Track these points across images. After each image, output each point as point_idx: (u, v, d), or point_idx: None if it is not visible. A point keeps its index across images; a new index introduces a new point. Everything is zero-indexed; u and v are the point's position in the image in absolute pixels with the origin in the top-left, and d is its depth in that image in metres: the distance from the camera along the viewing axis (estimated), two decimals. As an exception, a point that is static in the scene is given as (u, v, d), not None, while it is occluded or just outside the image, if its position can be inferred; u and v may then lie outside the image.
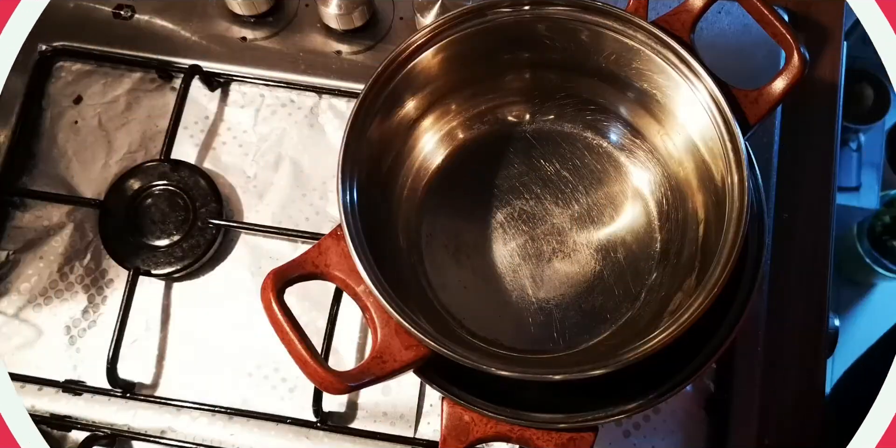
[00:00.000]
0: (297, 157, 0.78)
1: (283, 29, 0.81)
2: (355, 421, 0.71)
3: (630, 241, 0.67)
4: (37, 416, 0.71)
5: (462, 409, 0.56)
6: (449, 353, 0.51)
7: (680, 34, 0.59)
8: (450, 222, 0.68)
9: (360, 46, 0.80)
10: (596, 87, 0.67)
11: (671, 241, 0.66)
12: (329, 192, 0.76)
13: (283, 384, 0.72)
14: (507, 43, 0.63)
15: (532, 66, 0.67)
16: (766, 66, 0.78)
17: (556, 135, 0.70)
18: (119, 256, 0.74)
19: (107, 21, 0.82)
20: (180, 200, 0.75)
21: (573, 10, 0.59)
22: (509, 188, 0.69)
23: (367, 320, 0.55)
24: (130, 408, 0.71)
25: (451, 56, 0.62)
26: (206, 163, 0.78)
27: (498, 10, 0.60)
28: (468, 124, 0.70)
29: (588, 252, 0.67)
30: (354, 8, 0.77)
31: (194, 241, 0.74)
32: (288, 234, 0.74)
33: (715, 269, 0.53)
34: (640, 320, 0.63)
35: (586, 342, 0.64)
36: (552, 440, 0.56)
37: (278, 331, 0.52)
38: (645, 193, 0.68)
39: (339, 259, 0.55)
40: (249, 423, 0.71)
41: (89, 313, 0.74)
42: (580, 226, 0.68)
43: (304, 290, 0.62)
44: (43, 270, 0.75)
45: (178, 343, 0.73)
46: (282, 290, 0.53)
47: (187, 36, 0.81)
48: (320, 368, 0.50)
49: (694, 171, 0.63)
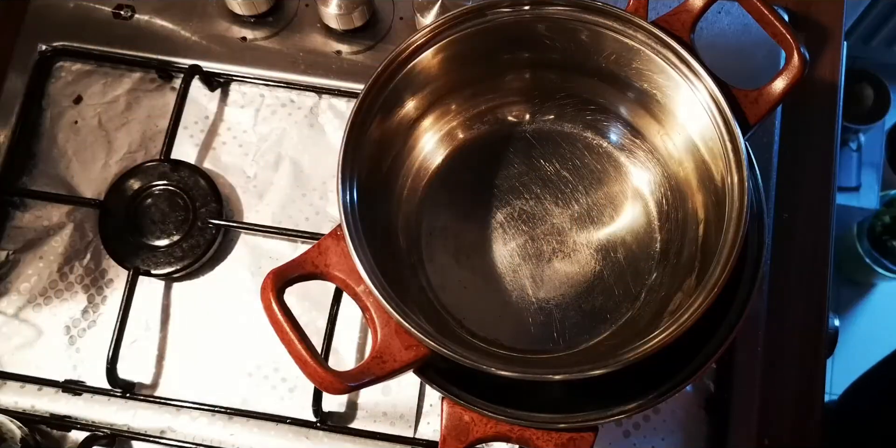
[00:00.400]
0: (297, 157, 0.78)
1: (283, 29, 0.81)
2: (355, 421, 0.71)
3: (630, 241, 0.67)
4: (36, 416, 0.71)
5: (462, 409, 0.56)
6: (449, 353, 0.51)
7: (680, 34, 0.59)
8: (450, 222, 0.68)
9: (360, 46, 0.80)
10: (596, 87, 0.67)
11: (671, 241, 0.66)
12: (329, 192, 0.76)
13: (283, 384, 0.72)
14: (507, 43, 0.63)
15: (532, 66, 0.67)
16: (766, 66, 0.78)
17: (556, 135, 0.70)
18: (119, 256, 0.74)
19: (107, 21, 0.82)
20: (180, 200, 0.75)
21: (573, 9, 0.59)
22: (509, 188, 0.69)
23: (367, 320, 0.55)
24: (130, 408, 0.72)
25: (450, 56, 0.62)
26: (206, 163, 0.78)
27: (498, 10, 0.60)
28: (468, 124, 0.70)
29: (588, 252, 0.67)
30: (354, 8, 0.77)
31: (194, 241, 0.74)
32: (288, 234, 0.74)
33: (715, 269, 0.53)
34: (640, 320, 0.63)
35: (586, 342, 0.64)
36: (552, 440, 0.56)
37: (278, 331, 0.52)
38: (645, 193, 0.68)
39: (338, 259, 0.55)
40: (249, 423, 0.71)
41: (89, 313, 0.74)
42: (580, 226, 0.68)
43: (304, 290, 0.62)
44: (43, 270, 0.75)
45: (178, 343, 0.73)
46: (282, 290, 0.53)
47: (187, 36, 0.81)
48: (320, 368, 0.50)
49: (694, 171, 0.63)
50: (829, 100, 0.80)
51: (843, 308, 1.69)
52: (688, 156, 0.63)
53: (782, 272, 0.74)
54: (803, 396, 0.73)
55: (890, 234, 1.62)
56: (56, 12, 0.82)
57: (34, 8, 0.82)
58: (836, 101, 0.80)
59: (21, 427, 0.69)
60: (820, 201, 0.77)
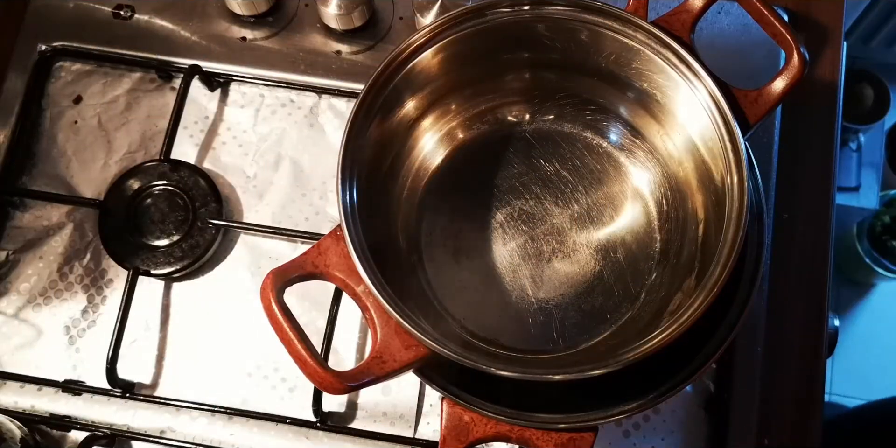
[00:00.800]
0: (296, 157, 0.78)
1: (283, 29, 0.81)
2: (355, 421, 0.71)
3: (630, 241, 0.67)
4: (36, 416, 0.71)
5: (462, 409, 0.56)
6: (449, 353, 0.51)
7: (680, 34, 0.59)
8: (449, 222, 0.68)
9: (360, 46, 0.80)
10: (596, 87, 0.67)
11: (671, 241, 0.66)
12: (329, 192, 0.76)
13: (283, 384, 0.72)
14: (507, 43, 0.63)
15: (532, 66, 0.67)
16: (766, 66, 0.78)
17: (555, 135, 0.70)
18: (119, 256, 0.74)
19: (107, 21, 0.82)
20: (180, 200, 0.75)
21: (573, 10, 0.59)
22: (509, 188, 0.69)
23: (367, 320, 0.55)
24: (130, 408, 0.72)
25: (450, 56, 0.62)
26: (206, 163, 0.78)
27: (497, 10, 0.60)
28: (468, 124, 0.70)
29: (588, 252, 0.67)
30: (354, 8, 0.76)
31: (194, 241, 0.74)
32: (287, 234, 0.74)
33: (715, 269, 0.53)
34: (640, 320, 0.63)
35: (586, 342, 0.64)
36: (552, 440, 0.56)
37: (278, 331, 0.52)
38: (645, 193, 0.68)
39: (338, 259, 0.55)
40: (249, 423, 0.71)
41: (89, 313, 0.74)
42: (580, 226, 0.68)
43: (304, 290, 0.63)
44: (42, 270, 0.75)
45: (178, 343, 0.73)
46: (281, 290, 0.53)
47: (187, 36, 0.81)
48: (320, 368, 0.50)
49: (693, 171, 0.63)
50: (829, 100, 0.80)
51: (842, 308, 1.70)
52: (687, 156, 0.63)
53: (782, 272, 0.74)
54: (803, 396, 0.73)
55: (890, 234, 1.62)
56: (56, 12, 0.82)
57: (34, 8, 0.82)
58: (836, 101, 0.80)
59: (21, 427, 0.69)
60: (820, 201, 0.77)
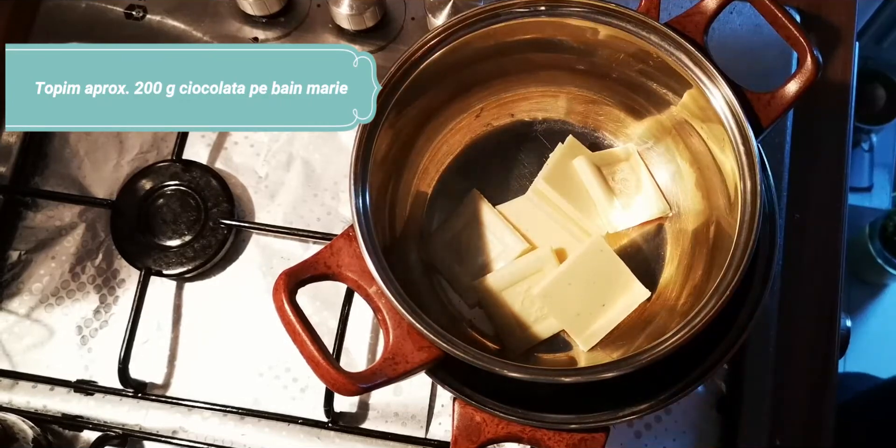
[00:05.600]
0: (308, 157, 0.78)
1: (295, 29, 0.81)
2: (366, 421, 0.71)
3: (639, 242, 0.67)
4: (48, 416, 0.71)
5: (473, 409, 0.56)
6: (462, 354, 0.51)
7: (693, 36, 0.59)
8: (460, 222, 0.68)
9: (372, 47, 0.80)
10: (608, 87, 0.67)
11: (681, 241, 0.66)
12: (341, 193, 0.76)
13: (295, 384, 0.72)
14: (520, 44, 0.63)
15: (544, 67, 0.67)
16: (778, 66, 0.78)
17: (567, 135, 0.70)
18: (130, 256, 0.74)
19: (118, 21, 0.82)
20: (192, 201, 0.75)
21: (587, 11, 0.59)
22: (519, 188, 0.69)
23: (380, 321, 0.55)
24: (142, 408, 0.72)
25: (463, 57, 0.61)
26: (218, 163, 0.78)
27: (511, 11, 0.60)
28: (479, 124, 0.70)
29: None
30: (366, 8, 0.76)
31: (206, 242, 0.74)
32: (299, 234, 0.74)
33: (727, 271, 0.53)
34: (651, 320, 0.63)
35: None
36: (563, 441, 0.56)
37: (290, 331, 0.52)
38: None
39: (351, 260, 0.55)
40: (261, 423, 0.71)
41: (101, 313, 0.74)
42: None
43: (316, 290, 0.62)
44: (55, 270, 0.76)
45: (190, 343, 0.73)
46: (294, 290, 0.53)
47: (199, 36, 0.81)
48: (332, 369, 0.50)
49: (706, 173, 0.63)
50: (841, 100, 0.79)
51: (854, 308, 1.69)
52: (700, 158, 0.63)
53: (794, 272, 0.74)
54: (815, 397, 0.73)
55: (901, 235, 1.61)
56: (68, 12, 0.82)
57: (46, 8, 0.82)
58: (848, 101, 0.79)
59: (33, 427, 0.69)
60: (832, 201, 0.77)
